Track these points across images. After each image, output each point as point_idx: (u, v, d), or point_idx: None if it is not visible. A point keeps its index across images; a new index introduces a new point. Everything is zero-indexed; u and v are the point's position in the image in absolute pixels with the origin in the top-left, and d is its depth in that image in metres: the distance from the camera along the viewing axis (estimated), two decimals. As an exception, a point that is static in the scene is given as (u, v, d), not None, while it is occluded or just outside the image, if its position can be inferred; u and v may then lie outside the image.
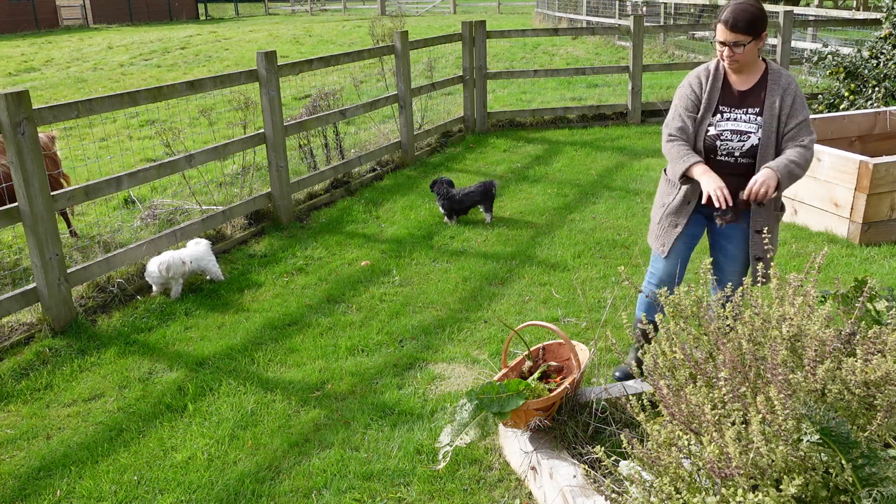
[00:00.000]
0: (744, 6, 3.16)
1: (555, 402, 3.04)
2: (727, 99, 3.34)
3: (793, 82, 3.31)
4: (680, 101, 3.43)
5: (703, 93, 3.36)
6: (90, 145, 9.32)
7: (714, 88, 3.35)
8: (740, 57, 3.22)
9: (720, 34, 3.21)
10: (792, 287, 2.44)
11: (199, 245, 5.29)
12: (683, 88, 3.43)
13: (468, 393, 2.90)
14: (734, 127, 3.30)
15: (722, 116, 3.33)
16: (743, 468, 1.91)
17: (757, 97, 3.31)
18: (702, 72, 3.41)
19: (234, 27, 28.47)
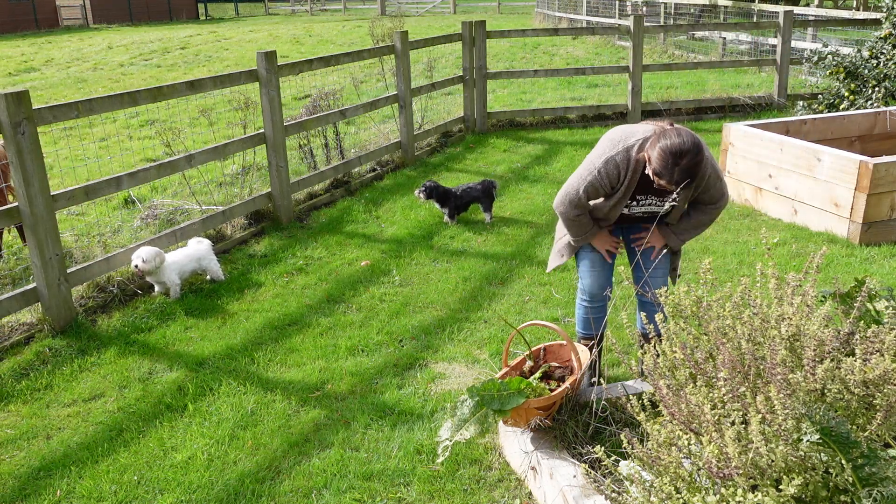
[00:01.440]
0: (694, 167, 2.99)
1: (555, 401, 3.04)
2: (643, 188, 3.29)
3: (706, 167, 3.19)
4: (592, 184, 3.27)
5: (620, 184, 3.26)
6: (90, 145, 9.32)
7: (632, 181, 3.25)
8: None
9: (664, 186, 3.07)
10: (791, 287, 2.44)
11: (201, 244, 5.29)
12: (599, 176, 3.25)
13: (469, 389, 2.90)
14: (646, 209, 3.39)
15: (637, 203, 3.36)
16: (742, 468, 1.91)
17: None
18: (621, 162, 3.22)
19: (234, 27, 28.47)
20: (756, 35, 13.69)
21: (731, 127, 6.75)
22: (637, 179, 3.23)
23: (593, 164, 3.26)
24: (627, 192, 3.28)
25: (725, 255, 5.44)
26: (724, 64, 12.01)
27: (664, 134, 3.02)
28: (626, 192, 3.28)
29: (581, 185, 3.29)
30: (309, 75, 12.16)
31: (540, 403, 2.97)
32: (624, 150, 3.20)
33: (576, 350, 3.22)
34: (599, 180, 3.24)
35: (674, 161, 2.96)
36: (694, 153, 2.96)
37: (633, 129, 3.26)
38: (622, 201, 3.31)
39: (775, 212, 6.28)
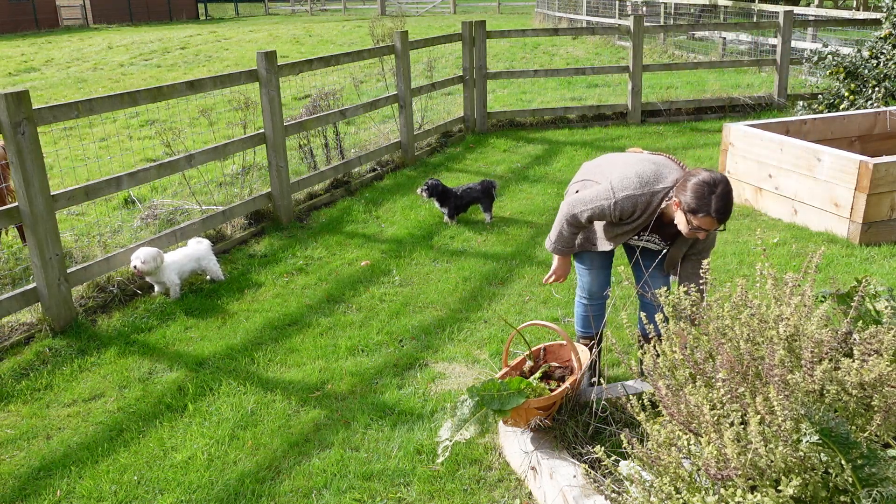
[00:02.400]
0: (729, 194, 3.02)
1: (555, 401, 3.04)
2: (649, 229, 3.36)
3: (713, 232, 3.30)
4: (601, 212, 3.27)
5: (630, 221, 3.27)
6: (90, 145, 9.32)
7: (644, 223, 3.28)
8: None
9: (706, 224, 3.04)
10: (789, 287, 2.44)
11: (201, 244, 5.29)
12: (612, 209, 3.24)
13: (469, 389, 2.91)
14: (645, 245, 3.46)
15: (639, 237, 3.42)
16: (741, 469, 1.92)
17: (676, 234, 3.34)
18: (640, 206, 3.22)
19: (234, 27, 28.47)
20: (756, 35, 13.69)
21: (731, 127, 6.75)
22: (650, 223, 3.27)
23: (613, 193, 3.22)
24: (635, 231, 3.31)
25: (725, 255, 5.43)
26: (724, 64, 12.00)
27: (691, 173, 3.09)
28: (634, 231, 3.31)
29: (588, 209, 3.29)
30: (309, 75, 12.16)
31: (540, 403, 2.97)
32: (650, 193, 3.19)
33: (576, 350, 3.22)
34: (611, 212, 3.25)
35: (710, 190, 2.98)
36: (725, 182, 3.02)
37: (665, 174, 3.22)
38: (627, 236, 3.34)
39: (775, 212, 6.28)
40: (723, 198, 2.98)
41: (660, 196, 3.18)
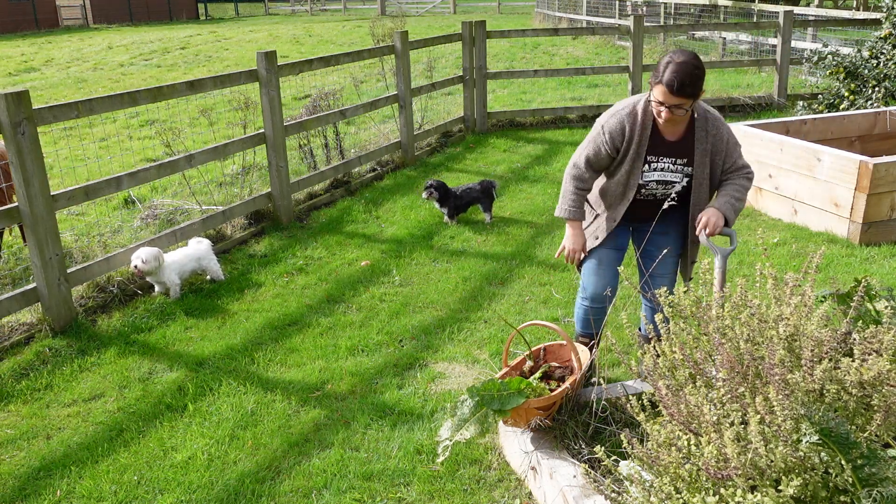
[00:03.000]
0: (688, 67, 2.95)
1: (555, 401, 3.04)
2: (656, 149, 3.22)
3: (720, 126, 3.23)
4: (595, 144, 3.25)
5: (626, 142, 3.19)
6: (90, 145, 9.32)
7: (643, 138, 3.19)
8: (680, 117, 3.09)
9: (660, 95, 3.00)
10: (789, 287, 2.44)
11: (201, 244, 5.29)
12: (602, 133, 3.22)
13: (469, 389, 2.90)
14: (661, 177, 3.25)
15: (650, 167, 3.24)
16: (741, 469, 1.91)
17: (686, 147, 3.22)
18: (626, 117, 3.18)
19: (234, 27, 28.48)
20: (756, 35, 13.69)
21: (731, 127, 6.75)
22: (647, 137, 3.17)
23: (598, 124, 3.24)
24: (640, 152, 3.17)
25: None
26: (724, 64, 12.01)
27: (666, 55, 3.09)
28: (639, 152, 3.17)
29: (585, 150, 3.25)
30: (309, 75, 12.16)
31: (540, 403, 2.97)
32: (630, 105, 3.17)
33: (576, 350, 3.22)
34: (603, 141, 3.18)
35: (668, 60, 2.95)
36: (690, 58, 2.96)
37: (642, 95, 3.24)
38: (637, 165, 3.19)
39: (775, 212, 6.29)
40: (677, 67, 2.93)
41: (641, 103, 3.16)
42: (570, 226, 3.41)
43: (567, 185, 3.35)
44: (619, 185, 3.31)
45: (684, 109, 3.02)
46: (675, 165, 3.23)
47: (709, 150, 3.21)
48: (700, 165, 3.21)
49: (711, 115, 3.23)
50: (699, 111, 3.21)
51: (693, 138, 3.21)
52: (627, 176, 3.25)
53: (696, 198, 3.28)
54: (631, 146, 3.18)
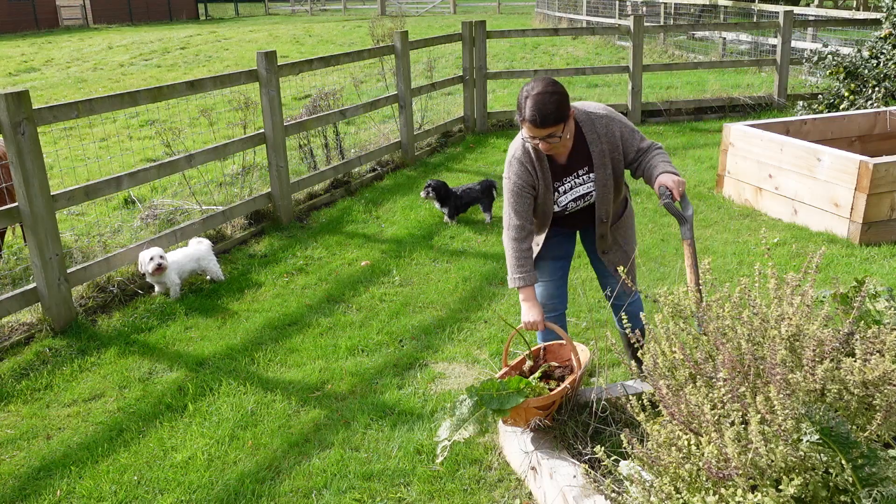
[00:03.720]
0: (545, 97, 2.88)
1: (555, 401, 3.04)
2: (557, 175, 3.20)
3: (609, 122, 3.16)
4: (515, 196, 3.18)
5: (535, 180, 3.16)
6: (90, 145, 9.32)
7: (544, 171, 3.16)
8: (557, 144, 3.02)
9: (529, 132, 2.95)
10: (790, 287, 2.44)
11: (201, 245, 5.29)
12: (516, 183, 3.16)
13: (468, 389, 2.90)
14: (574, 195, 3.23)
15: (560, 193, 3.22)
16: (741, 468, 1.91)
17: (583, 156, 3.18)
18: (522, 158, 3.15)
19: (234, 27, 28.48)
20: (756, 35, 13.69)
21: (731, 127, 6.75)
22: (547, 167, 3.15)
23: (506, 181, 3.22)
24: (547, 185, 3.18)
25: (725, 255, 5.44)
26: (724, 64, 12.00)
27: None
28: (546, 185, 3.18)
29: (509, 210, 3.20)
30: (309, 75, 12.16)
31: (539, 403, 2.97)
32: (517, 148, 3.16)
33: (575, 350, 3.22)
34: (520, 188, 3.15)
35: (524, 95, 2.92)
36: (549, 86, 2.89)
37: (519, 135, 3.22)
38: (548, 197, 3.21)
39: (775, 212, 6.29)
40: (534, 100, 2.87)
41: (522, 139, 3.14)
42: (524, 294, 3.21)
43: (509, 253, 3.21)
44: (540, 216, 3.31)
45: (558, 137, 2.96)
46: (580, 178, 3.21)
47: (605, 151, 3.16)
48: (600, 167, 3.17)
49: (596, 115, 3.16)
50: (581, 117, 3.14)
51: (586, 144, 3.17)
52: (543, 208, 3.25)
53: (599, 195, 3.22)
54: (539, 183, 3.17)
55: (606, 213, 3.27)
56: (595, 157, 3.16)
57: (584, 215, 3.35)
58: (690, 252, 2.93)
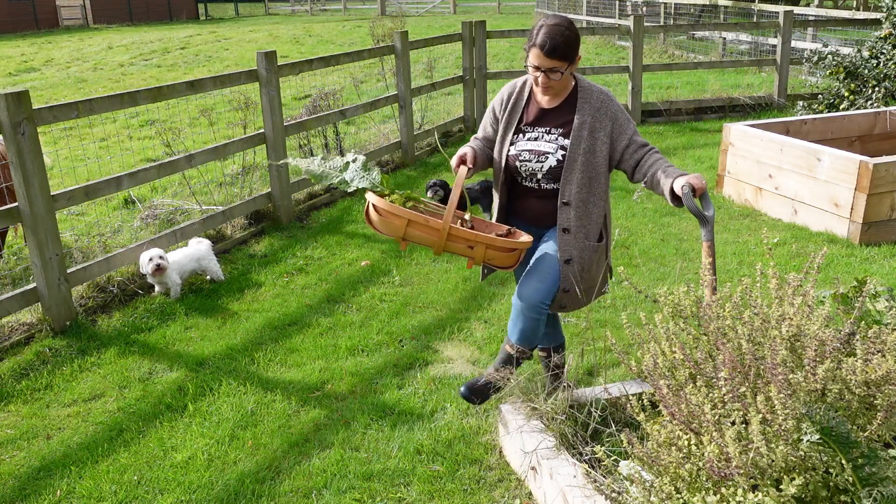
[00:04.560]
0: (560, 29, 2.87)
1: (515, 249, 2.89)
2: (530, 118, 3.10)
3: (607, 100, 3.05)
4: (486, 116, 3.24)
5: (504, 110, 3.15)
6: (90, 145, 9.32)
7: (517, 107, 3.12)
8: (555, 83, 2.96)
9: (535, 59, 2.90)
10: (791, 287, 2.44)
11: (201, 245, 5.29)
12: (492, 103, 3.22)
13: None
14: (533, 147, 3.04)
15: (523, 135, 3.09)
16: (743, 468, 1.91)
17: (563, 117, 3.05)
18: (511, 86, 3.18)
19: (234, 27, 28.48)
20: (756, 35, 13.69)
21: (731, 127, 6.75)
22: (523, 104, 3.10)
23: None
24: (511, 120, 3.10)
25: (725, 255, 5.44)
26: (725, 64, 12.01)
27: None
28: (510, 121, 3.10)
29: (484, 119, 3.26)
30: (309, 75, 12.15)
31: (498, 243, 2.84)
32: (520, 79, 3.17)
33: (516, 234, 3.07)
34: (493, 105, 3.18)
35: (540, 24, 2.90)
36: (566, 21, 2.90)
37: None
38: (508, 132, 3.10)
39: (775, 212, 6.29)
40: (549, 29, 2.86)
41: (526, 77, 3.12)
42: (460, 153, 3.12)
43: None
44: (498, 159, 3.17)
45: (560, 73, 2.90)
46: (550, 135, 3.05)
47: (588, 123, 3.00)
48: (576, 139, 3.00)
49: (598, 88, 3.07)
50: (582, 83, 3.07)
51: (574, 108, 3.04)
52: (501, 145, 3.13)
53: (566, 176, 3.00)
54: (505, 113, 3.13)
55: (570, 193, 3.01)
56: (575, 124, 3.01)
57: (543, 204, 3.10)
58: (710, 253, 2.82)
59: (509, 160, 3.09)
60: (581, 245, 3.04)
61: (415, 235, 2.81)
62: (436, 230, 2.78)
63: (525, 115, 3.11)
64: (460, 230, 2.82)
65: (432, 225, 2.77)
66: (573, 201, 3.01)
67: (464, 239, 2.82)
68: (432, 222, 2.77)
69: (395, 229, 2.83)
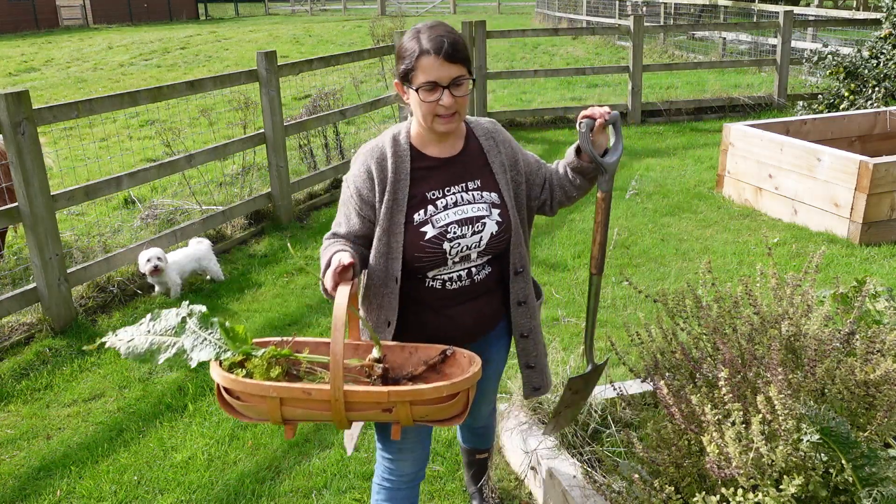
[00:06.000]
0: (447, 27, 2.07)
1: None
2: (430, 179, 2.15)
3: (496, 127, 2.29)
4: (347, 203, 2.20)
5: (386, 182, 2.12)
6: (90, 145, 9.32)
7: (399, 173, 2.13)
8: (462, 103, 2.06)
9: (429, 72, 1.99)
10: (790, 287, 2.44)
11: (201, 245, 5.29)
12: (351, 181, 2.17)
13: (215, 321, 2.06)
14: (459, 215, 2.13)
15: (435, 206, 2.13)
16: (743, 468, 1.92)
17: (472, 161, 2.20)
18: (375, 151, 2.16)
19: (234, 27, 28.48)
20: (756, 35, 13.69)
21: (731, 127, 6.75)
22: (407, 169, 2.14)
23: (347, 175, 2.22)
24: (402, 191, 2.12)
25: (725, 255, 5.44)
26: (725, 64, 12.01)
27: None
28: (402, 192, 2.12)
29: (343, 203, 2.23)
30: (309, 75, 12.14)
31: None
32: (374, 144, 2.19)
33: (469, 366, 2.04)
34: (359, 183, 2.15)
35: (414, 33, 2.04)
36: (442, 23, 2.09)
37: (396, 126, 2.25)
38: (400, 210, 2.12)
39: (775, 212, 6.29)
40: (433, 29, 2.03)
41: (402, 128, 2.19)
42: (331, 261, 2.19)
43: (322, 251, 2.29)
44: (383, 260, 2.17)
45: (466, 88, 2.05)
46: (470, 192, 2.17)
47: (506, 166, 2.23)
48: (507, 183, 2.22)
49: (487, 121, 2.30)
50: (469, 120, 2.27)
51: (478, 145, 2.23)
52: (389, 235, 2.14)
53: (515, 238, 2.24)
54: (384, 187, 2.13)
55: (520, 257, 2.28)
56: (495, 166, 2.21)
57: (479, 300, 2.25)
58: (604, 207, 2.24)
59: (421, 249, 2.11)
60: (534, 311, 2.39)
61: (298, 415, 1.93)
62: (324, 402, 1.85)
63: (419, 178, 2.15)
64: (363, 392, 1.87)
65: (317, 397, 1.85)
66: (525, 265, 2.33)
67: (374, 403, 1.88)
68: (317, 393, 1.84)
69: (267, 414, 1.92)
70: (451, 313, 2.22)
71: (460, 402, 1.93)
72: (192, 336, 2.01)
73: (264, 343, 2.07)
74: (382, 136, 2.20)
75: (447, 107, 2.03)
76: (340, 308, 1.92)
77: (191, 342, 2.00)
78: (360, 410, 1.89)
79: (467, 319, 2.24)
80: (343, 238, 2.23)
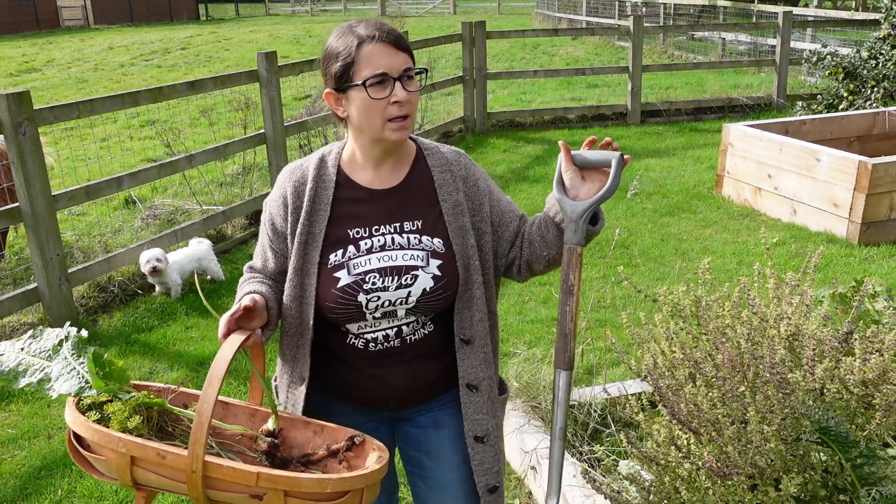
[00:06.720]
0: (381, 21, 1.72)
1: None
2: (357, 214, 1.76)
3: (465, 160, 1.87)
4: (262, 235, 1.89)
5: (300, 212, 1.76)
6: (91, 145, 9.33)
7: (318, 202, 1.75)
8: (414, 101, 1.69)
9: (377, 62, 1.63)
10: (789, 287, 2.45)
11: (202, 245, 5.30)
12: (267, 207, 1.85)
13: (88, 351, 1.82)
14: (383, 263, 1.72)
15: (356, 248, 1.73)
16: (742, 468, 1.92)
17: (415, 197, 1.79)
18: (295, 173, 1.80)
19: (235, 27, 28.49)
20: (755, 35, 13.71)
21: (730, 127, 6.76)
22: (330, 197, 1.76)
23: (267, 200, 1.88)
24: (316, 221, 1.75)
25: (725, 255, 5.44)
26: (724, 64, 12.02)
27: None
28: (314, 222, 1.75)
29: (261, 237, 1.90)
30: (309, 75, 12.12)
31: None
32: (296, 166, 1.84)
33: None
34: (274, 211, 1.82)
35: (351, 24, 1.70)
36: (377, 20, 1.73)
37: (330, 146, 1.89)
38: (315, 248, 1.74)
39: (774, 212, 6.30)
40: (364, 21, 1.69)
41: (323, 149, 1.85)
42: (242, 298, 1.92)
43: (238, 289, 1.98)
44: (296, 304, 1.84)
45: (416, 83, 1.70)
46: (405, 235, 1.75)
47: (464, 207, 1.79)
48: (458, 229, 1.77)
49: (449, 148, 1.89)
50: (426, 144, 1.86)
51: (429, 178, 1.81)
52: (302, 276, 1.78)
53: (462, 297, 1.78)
54: (298, 218, 1.76)
55: (469, 323, 1.79)
56: (448, 209, 1.78)
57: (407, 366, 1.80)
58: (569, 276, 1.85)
59: (333, 298, 1.73)
60: (493, 405, 1.87)
61: (152, 481, 1.63)
62: (181, 471, 1.53)
63: (343, 211, 1.76)
64: (227, 469, 1.52)
65: (171, 462, 1.54)
66: (477, 336, 1.81)
67: (240, 484, 1.51)
68: (172, 458, 1.54)
69: (117, 473, 1.66)
70: (378, 374, 1.79)
71: (354, 501, 1.52)
72: (62, 363, 1.78)
73: (144, 387, 1.77)
74: (311, 155, 1.84)
75: (401, 103, 1.65)
76: (221, 361, 1.64)
77: (58, 370, 1.79)
78: (223, 490, 1.52)
79: (398, 382, 1.80)
80: (260, 273, 1.91)
